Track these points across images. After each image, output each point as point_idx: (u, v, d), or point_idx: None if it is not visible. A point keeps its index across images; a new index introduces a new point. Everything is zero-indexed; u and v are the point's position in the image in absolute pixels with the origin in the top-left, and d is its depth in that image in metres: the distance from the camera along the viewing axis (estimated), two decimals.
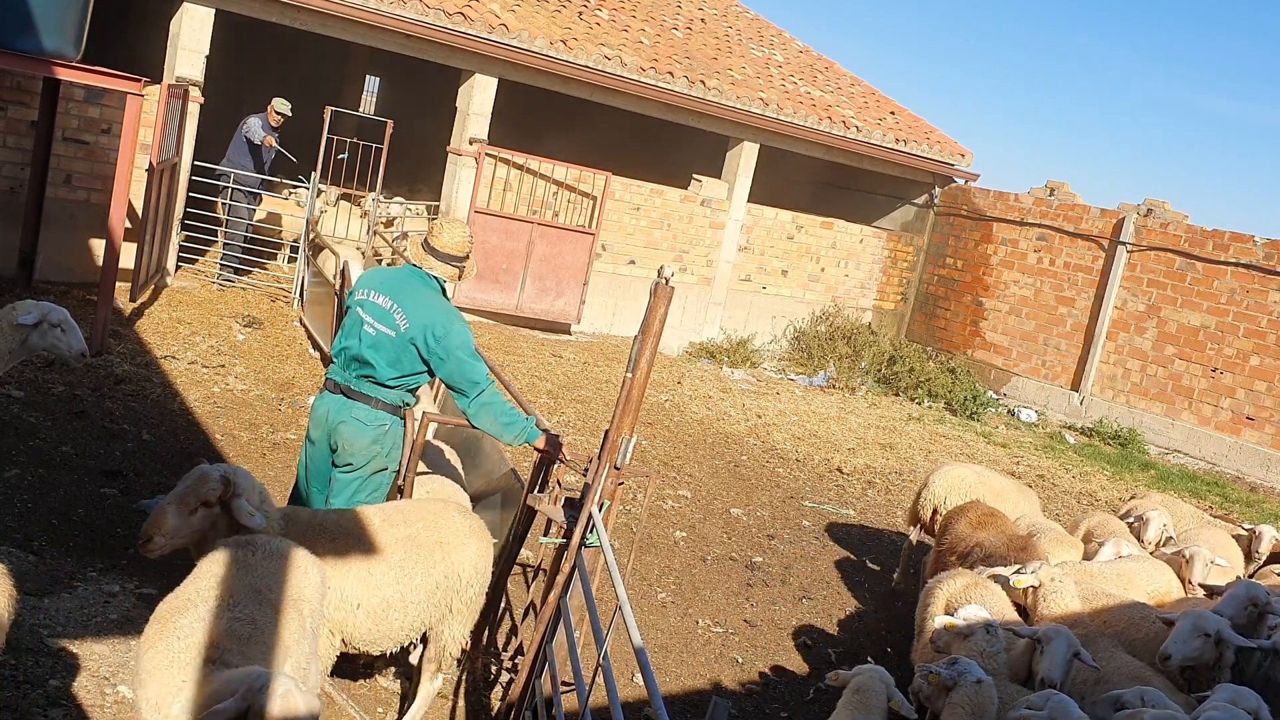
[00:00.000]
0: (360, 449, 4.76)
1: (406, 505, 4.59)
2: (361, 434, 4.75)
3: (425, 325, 4.65)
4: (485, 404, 4.66)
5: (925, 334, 16.56)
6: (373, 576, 4.12)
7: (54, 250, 10.14)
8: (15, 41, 7.64)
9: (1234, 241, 13.09)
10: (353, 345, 4.76)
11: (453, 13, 11.59)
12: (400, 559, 4.20)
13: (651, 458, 9.31)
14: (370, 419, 4.75)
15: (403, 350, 4.69)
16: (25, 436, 6.74)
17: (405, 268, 4.89)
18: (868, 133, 15.14)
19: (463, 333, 4.70)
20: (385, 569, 4.15)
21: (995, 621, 4.60)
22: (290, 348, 10.05)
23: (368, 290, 4.81)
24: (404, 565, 4.20)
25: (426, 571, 4.25)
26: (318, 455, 4.89)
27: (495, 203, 12.69)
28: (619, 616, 3.40)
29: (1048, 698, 3.94)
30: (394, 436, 4.85)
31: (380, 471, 4.87)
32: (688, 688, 5.67)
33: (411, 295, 4.73)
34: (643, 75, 13.06)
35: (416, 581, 4.21)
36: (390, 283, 4.80)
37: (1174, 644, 4.57)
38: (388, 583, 4.14)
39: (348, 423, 4.75)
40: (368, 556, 4.14)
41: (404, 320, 4.67)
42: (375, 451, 4.79)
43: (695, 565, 7.29)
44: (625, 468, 4.21)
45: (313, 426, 4.89)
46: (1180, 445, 13.28)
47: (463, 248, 4.80)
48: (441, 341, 4.64)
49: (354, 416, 4.74)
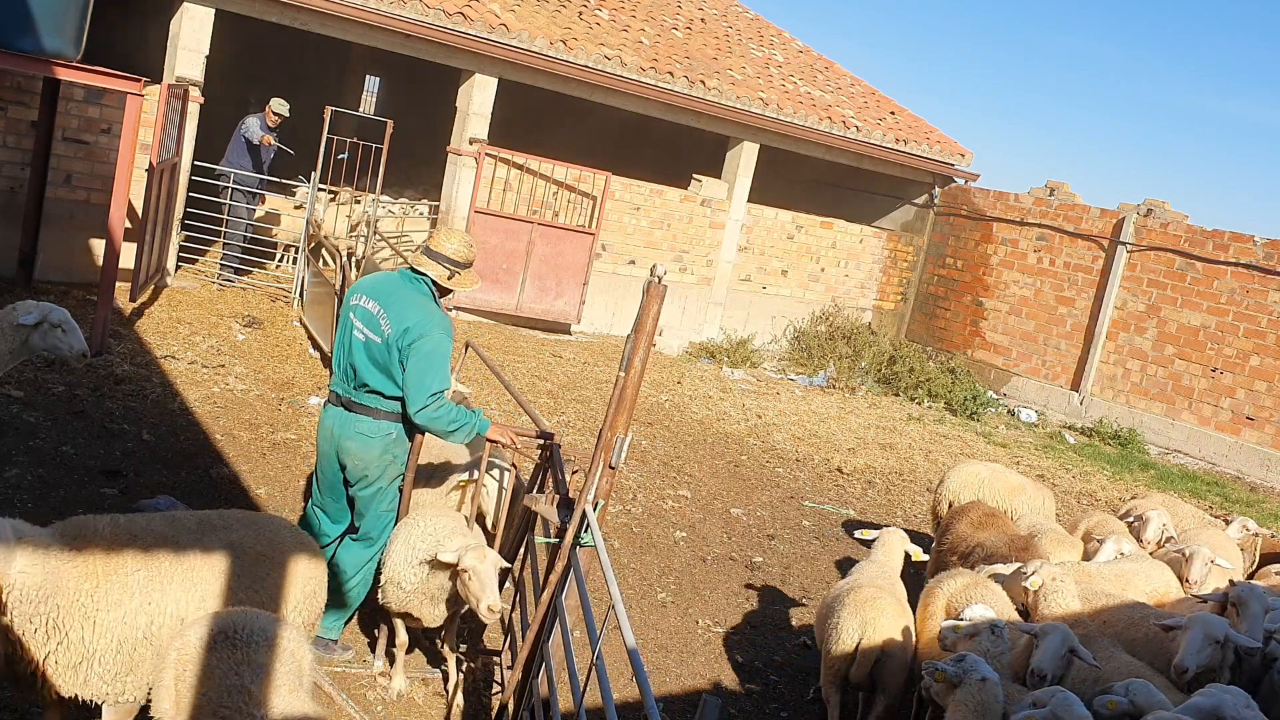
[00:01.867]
0: (371, 462, 4.73)
1: (230, 515, 4.13)
2: (369, 448, 4.71)
3: (405, 326, 4.58)
4: (433, 416, 4.56)
5: (925, 334, 16.56)
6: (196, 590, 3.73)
7: (54, 250, 10.14)
8: (15, 41, 7.64)
9: (1234, 241, 13.09)
10: (348, 356, 4.73)
11: (453, 13, 11.59)
12: (220, 573, 3.80)
13: (651, 458, 9.31)
14: (375, 431, 4.72)
15: (389, 355, 4.61)
16: (25, 436, 6.75)
17: (399, 271, 4.85)
18: (868, 133, 15.14)
19: (439, 341, 4.58)
20: (208, 584, 3.76)
21: (1001, 621, 4.61)
22: (290, 348, 10.05)
23: (360, 296, 4.77)
24: (223, 582, 3.80)
25: (248, 589, 3.84)
26: (327, 467, 4.90)
27: (495, 203, 12.69)
28: (613, 617, 3.40)
29: (1052, 694, 3.95)
30: (403, 443, 4.82)
31: (396, 479, 4.88)
32: (688, 688, 5.67)
33: (398, 298, 4.67)
34: (643, 75, 13.06)
35: (238, 601, 3.78)
36: (380, 287, 4.75)
37: (1189, 656, 4.51)
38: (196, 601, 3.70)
39: (353, 439, 4.71)
40: (189, 568, 3.75)
41: (388, 324, 4.61)
42: (388, 461, 4.77)
43: (695, 565, 7.29)
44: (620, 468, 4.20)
45: (320, 438, 4.90)
46: (1180, 445, 13.28)
47: (459, 252, 4.73)
48: (414, 344, 4.54)
49: (359, 432, 4.71)
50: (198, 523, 3.95)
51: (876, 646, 4.82)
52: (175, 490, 6.45)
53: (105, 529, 3.64)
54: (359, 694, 4.87)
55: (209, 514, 4.09)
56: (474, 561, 4.29)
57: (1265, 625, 4.90)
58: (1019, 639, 4.67)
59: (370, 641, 5.32)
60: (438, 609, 4.65)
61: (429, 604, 4.61)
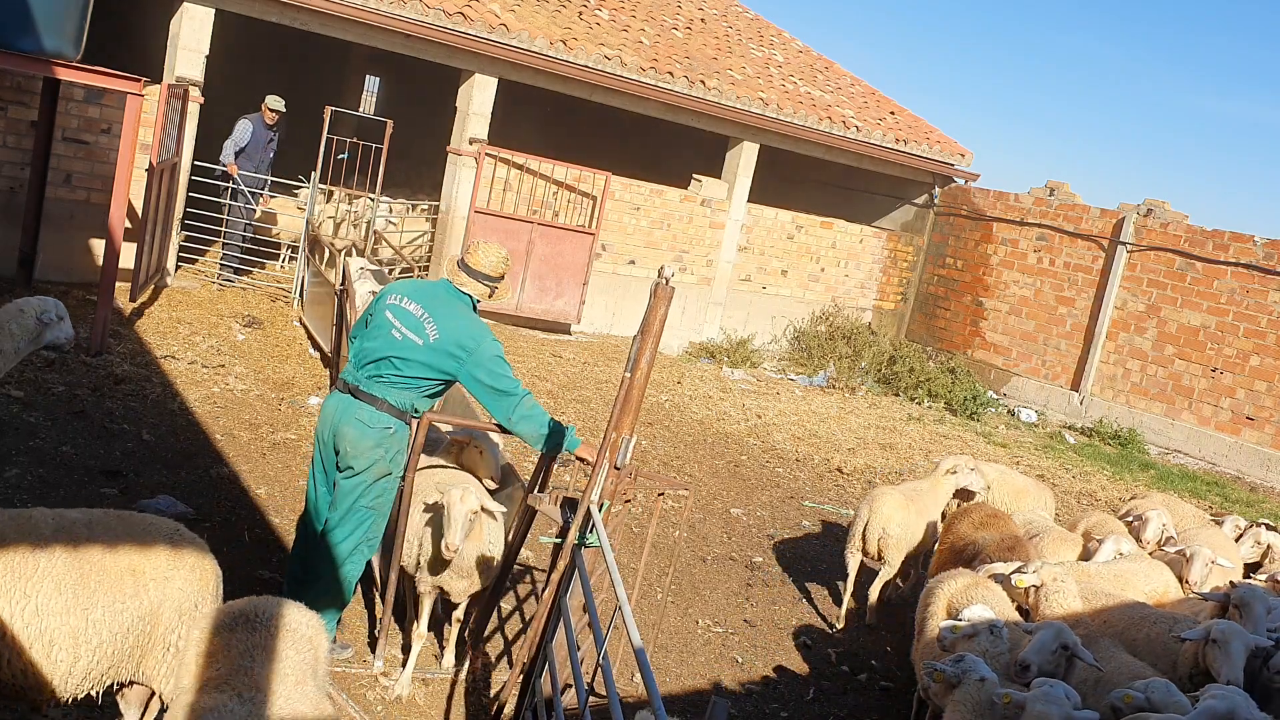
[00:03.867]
0: (363, 451, 4.73)
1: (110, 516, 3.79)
2: (365, 436, 4.72)
3: (456, 338, 4.68)
4: (525, 416, 4.66)
5: (925, 334, 16.56)
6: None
7: (54, 250, 10.14)
8: (15, 41, 7.64)
9: (1234, 241, 13.09)
10: (377, 347, 4.76)
11: (453, 13, 11.58)
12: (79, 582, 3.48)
13: (651, 458, 9.30)
14: (374, 421, 4.72)
15: (428, 358, 4.70)
16: (25, 436, 6.74)
17: (440, 281, 4.94)
18: (868, 133, 15.14)
19: (494, 345, 4.72)
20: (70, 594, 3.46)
21: (1000, 621, 4.61)
22: (290, 348, 10.05)
23: (400, 296, 4.83)
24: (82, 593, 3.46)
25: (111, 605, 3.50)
26: (324, 455, 4.90)
27: (495, 203, 12.69)
28: (619, 616, 3.40)
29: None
30: (399, 442, 4.80)
31: (384, 478, 4.83)
32: (688, 688, 5.67)
33: (444, 307, 4.76)
34: (643, 75, 13.06)
35: (96, 616, 3.45)
36: (423, 292, 4.83)
37: (1234, 671, 4.46)
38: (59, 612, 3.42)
39: (351, 424, 4.73)
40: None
41: (434, 331, 4.69)
42: (378, 456, 4.75)
43: (695, 565, 7.29)
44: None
45: (320, 423, 4.91)
46: (1180, 445, 13.28)
47: (497, 268, 4.84)
48: (473, 354, 4.66)
49: (357, 418, 4.72)
50: (57, 525, 3.57)
51: (878, 525, 6.58)
52: (175, 490, 6.45)
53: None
54: (359, 694, 4.87)
55: (75, 514, 3.68)
56: (449, 500, 4.57)
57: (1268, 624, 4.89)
58: (1020, 639, 4.67)
59: (370, 642, 5.32)
60: (462, 578, 4.80)
61: (453, 573, 4.79)
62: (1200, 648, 4.67)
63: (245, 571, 5.68)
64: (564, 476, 7.98)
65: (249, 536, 6.17)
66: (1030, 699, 3.88)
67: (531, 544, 6.52)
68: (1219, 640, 4.56)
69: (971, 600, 4.97)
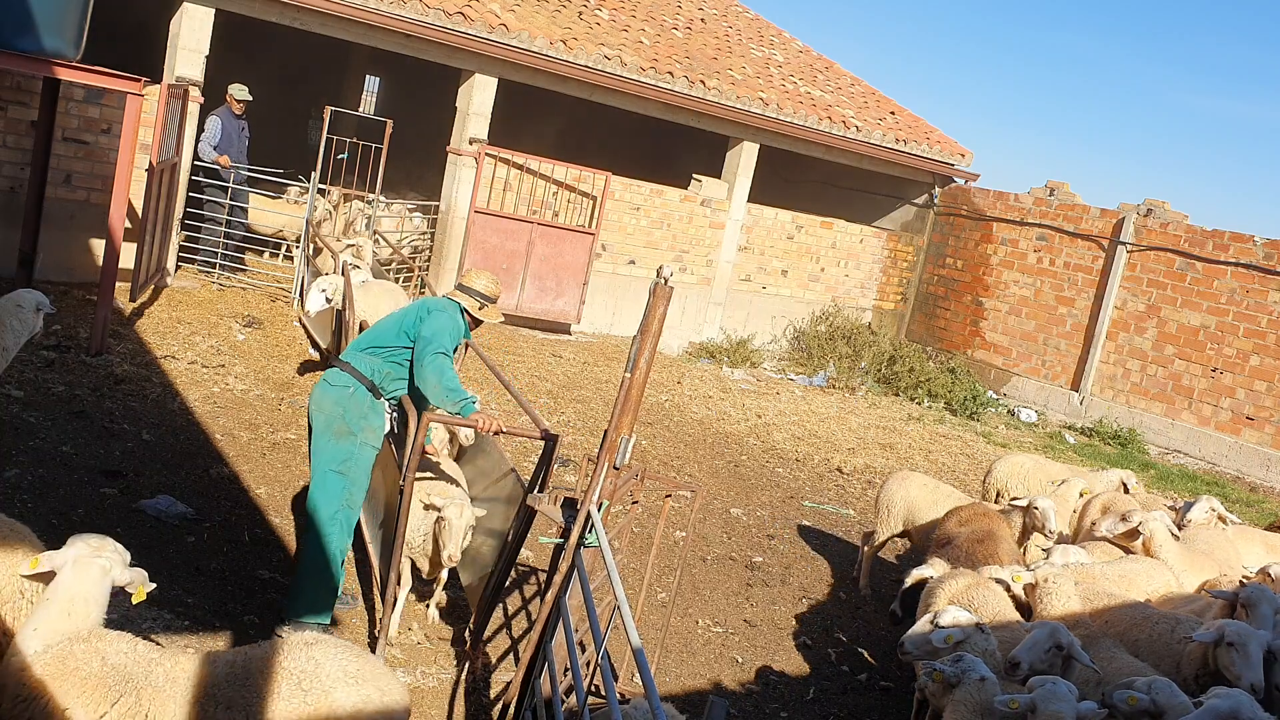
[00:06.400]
0: (325, 409, 5.09)
1: None
2: (327, 394, 5.11)
3: (426, 305, 5.24)
4: (436, 367, 4.95)
5: (925, 334, 16.56)
6: None
7: (54, 250, 10.13)
8: (15, 41, 7.63)
9: (1234, 241, 13.09)
10: (372, 331, 5.38)
11: (453, 13, 11.58)
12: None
13: (651, 457, 9.30)
14: (338, 380, 5.12)
15: (399, 318, 5.24)
16: (25, 436, 6.74)
17: (445, 297, 5.42)
18: (868, 133, 15.14)
19: (449, 319, 5.14)
20: None
21: (982, 621, 4.62)
22: (290, 348, 10.05)
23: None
24: None
25: None
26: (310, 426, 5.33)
27: (495, 203, 12.69)
28: (618, 616, 3.40)
29: (1042, 683, 3.96)
30: (358, 404, 5.08)
31: (346, 438, 5.05)
32: (688, 688, 5.67)
33: (438, 309, 5.23)
34: (643, 75, 13.06)
35: None
36: (430, 302, 5.39)
37: (1254, 674, 4.41)
38: None
39: (321, 386, 5.18)
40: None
41: (410, 308, 5.30)
42: (337, 414, 5.07)
43: (695, 565, 7.29)
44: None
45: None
46: (1180, 445, 13.28)
47: (487, 288, 5.31)
48: (425, 320, 5.12)
49: (325, 380, 5.20)
50: None
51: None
52: (175, 490, 6.44)
53: None
54: None
55: None
56: (451, 513, 4.93)
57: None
58: (1020, 639, 4.67)
59: (370, 641, 5.32)
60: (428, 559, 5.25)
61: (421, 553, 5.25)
62: (1211, 649, 4.59)
63: (245, 571, 5.68)
64: (565, 477, 7.98)
65: (249, 536, 6.16)
66: (1039, 699, 3.86)
67: (531, 544, 6.52)
68: (1236, 643, 4.47)
69: (972, 600, 4.97)
